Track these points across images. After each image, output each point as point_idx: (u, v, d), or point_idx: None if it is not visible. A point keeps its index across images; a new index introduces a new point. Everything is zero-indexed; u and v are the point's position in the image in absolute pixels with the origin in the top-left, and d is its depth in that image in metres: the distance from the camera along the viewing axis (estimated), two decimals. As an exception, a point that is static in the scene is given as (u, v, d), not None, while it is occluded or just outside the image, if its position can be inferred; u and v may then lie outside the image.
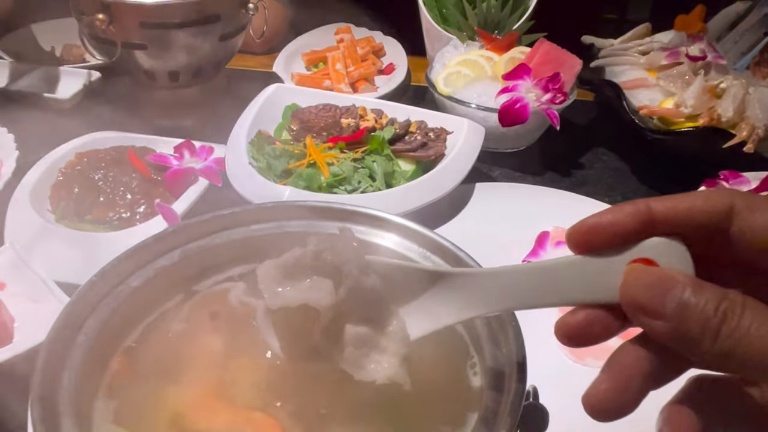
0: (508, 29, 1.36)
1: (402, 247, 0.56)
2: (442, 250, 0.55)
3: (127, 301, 0.50)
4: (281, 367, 0.49)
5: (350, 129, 1.11)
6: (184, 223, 0.55)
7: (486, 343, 0.48)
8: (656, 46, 1.30)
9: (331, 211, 0.58)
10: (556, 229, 1.02)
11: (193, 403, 0.46)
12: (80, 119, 1.29)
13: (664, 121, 1.16)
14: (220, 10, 1.14)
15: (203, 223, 0.56)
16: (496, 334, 0.48)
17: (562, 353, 0.81)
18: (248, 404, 0.46)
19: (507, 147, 1.27)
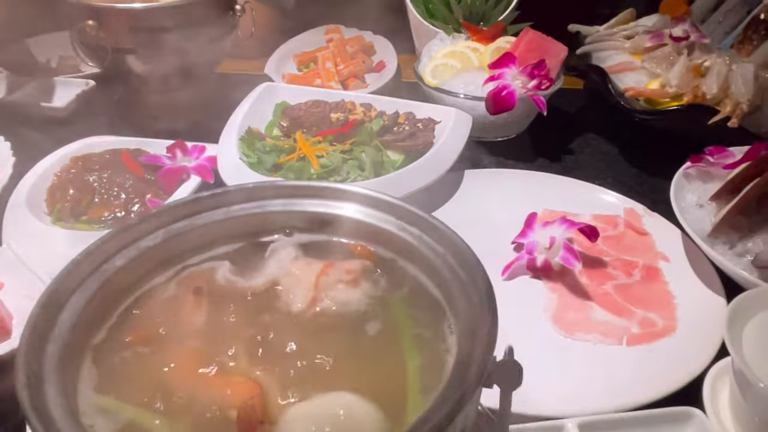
0: (493, 20, 1.37)
1: (378, 219, 0.57)
2: (417, 220, 0.56)
3: (111, 279, 0.51)
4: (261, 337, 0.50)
5: (339, 123, 1.12)
6: (167, 205, 0.56)
7: (461, 304, 0.49)
8: (641, 30, 1.31)
9: (308, 189, 0.59)
10: (545, 211, 1.03)
11: (176, 371, 0.47)
12: (76, 126, 1.32)
13: (650, 102, 1.17)
14: (208, 13, 1.17)
15: (185, 205, 0.57)
16: (470, 295, 0.48)
17: (552, 329, 0.82)
18: (229, 371, 0.47)
19: (497, 136, 1.28)
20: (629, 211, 1.02)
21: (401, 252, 0.57)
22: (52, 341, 0.45)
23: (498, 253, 0.94)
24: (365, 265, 0.58)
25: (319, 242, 0.60)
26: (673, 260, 0.93)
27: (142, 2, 1.13)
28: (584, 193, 1.07)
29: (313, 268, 0.58)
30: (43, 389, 0.41)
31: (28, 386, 0.40)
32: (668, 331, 0.81)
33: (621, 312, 0.84)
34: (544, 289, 0.89)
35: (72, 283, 0.49)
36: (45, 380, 0.42)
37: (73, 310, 0.48)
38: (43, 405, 0.40)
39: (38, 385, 0.41)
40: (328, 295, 0.55)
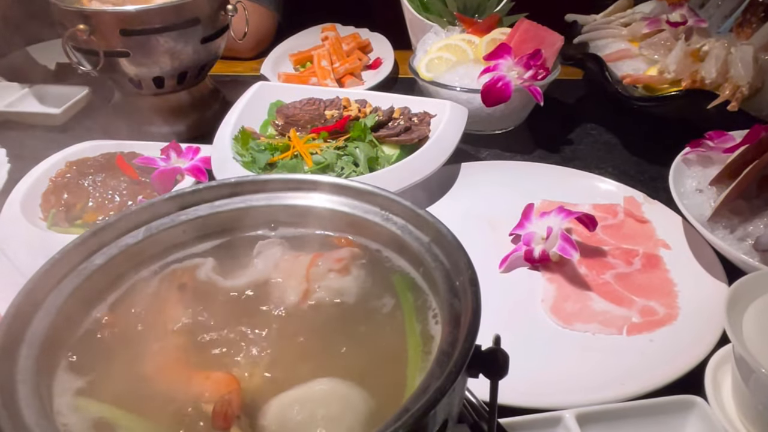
0: (488, 12, 1.36)
1: (362, 210, 0.56)
2: (402, 210, 0.55)
3: (90, 278, 0.51)
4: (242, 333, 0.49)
5: (334, 120, 1.11)
6: (147, 202, 0.56)
7: (445, 293, 0.47)
8: (638, 17, 1.29)
9: (292, 182, 0.58)
10: (543, 201, 1.01)
11: (156, 368, 0.46)
12: (72, 132, 1.32)
13: (648, 88, 1.15)
14: (200, 13, 1.16)
15: (167, 201, 0.57)
16: (454, 282, 0.47)
17: (550, 320, 0.81)
18: (209, 366, 0.46)
19: (494, 128, 1.26)
20: (629, 199, 1.01)
21: (386, 242, 0.56)
22: (26, 342, 0.44)
23: (496, 246, 0.93)
24: (353, 252, 0.58)
25: (303, 236, 0.59)
26: (674, 247, 0.91)
27: (132, 5, 1.13)
28: (583, 182, 1.06)
29: (301, 260, 0.57)
30: (15, 390, 0.40)
31: (0, 386, 0.40)
32: (669, 319, 0.80)
33: (621, 301, 0.83)
34: (542, 280, 0.87)
35: (49, 282, 0.48)
36: (18, 381, 0.41)
37: (50, 309, 0.47)
38: (15, 406, 0.39)
39: (11, 385, 0.40)
40: (320, 285, 0.54)
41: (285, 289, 0.54)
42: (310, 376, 0.46)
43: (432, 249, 0.52)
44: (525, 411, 0.66)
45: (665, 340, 0.77)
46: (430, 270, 0.51)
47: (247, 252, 0.58)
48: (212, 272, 0.56)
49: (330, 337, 0.50)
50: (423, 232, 0.53)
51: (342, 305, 0.53)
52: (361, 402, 0.44)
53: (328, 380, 0.45)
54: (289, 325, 0.50)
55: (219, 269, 0.57)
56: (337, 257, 0.57)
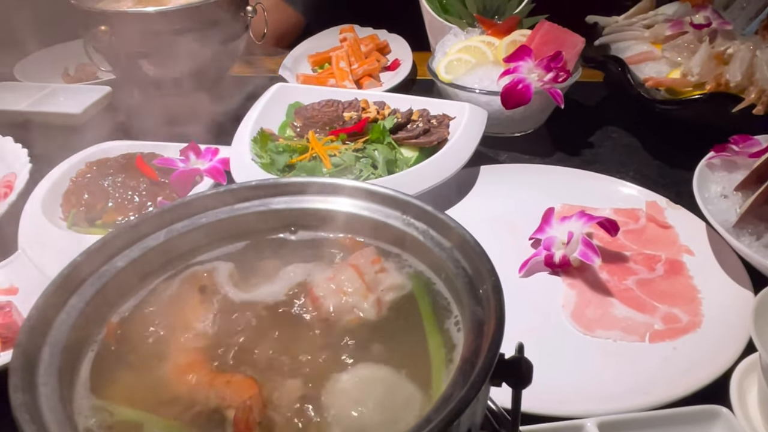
0: (508, 14, 1.35)
1: (383, 215, 0.56)
2: (423, 214, 0.54)
3: (112, 280, 0.51)
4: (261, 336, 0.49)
5: (352, 122, 1.11)
6: (169, 205, 0.56)
7: (467, 299, 0.47)
8: (660, 19, 1.27)
9: (313, 186, 0.58)
10: (563, 205, 1.00)
11: (177, 370, 0.46)
12: (92, 132, 1.32)
13: (671, 91, 1.14)
14: (219, 15, 1.17)
15: (187, 204, 0.56)
16: (477, 290, 0.47)
17: (571, 326, 0.80)
18: (229, 369, 0.46)
19: (514, 131, 1.25)
20: (651, 204, 0.99)
21: (406, 247, 0.56)
22: (49, 344, 0.44)
23: (515, 250, 0.92)
24: (375, 249, 0.57)
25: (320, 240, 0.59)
26: (698, 253, 0.90)
27: (153, 6, 1.14)
28: (604, 186, 1.04)
29: (348, 273, 0.55)
30: (36, 392, 0.40)
31: (21, 389, 0.39)
32: (693, 326, 0.78)
33: (643, 308, 0.81)
34: (562, 286, 0.86)
35: (71, 285, 0.48)
36: (40, 383, 0.41)
37: (72, 312, 0.47)
38: (37, 408, 0.39)
39: (32, 388, 0.40)
40: (382, 290, 0.54)
41: (354, 303, 0.52)
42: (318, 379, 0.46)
43: (454, 254, 0.51)
44: (545, 419, 0.65)
45: (689, 348, 0.75)
46: (451, 276, 0.50)
47: (268, 256, 0.57)
48: (233, 276, 0.56)
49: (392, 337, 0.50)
50: (445, 237, 0.53)
51: (407, 298, 0.53)
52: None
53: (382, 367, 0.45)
54: (363, 334, 0.50)
55: (240, 273, 0.56)
56: (370, 259, 0.56)
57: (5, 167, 1.10)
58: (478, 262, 0.48)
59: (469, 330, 0.45)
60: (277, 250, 0.58)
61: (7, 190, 1.03)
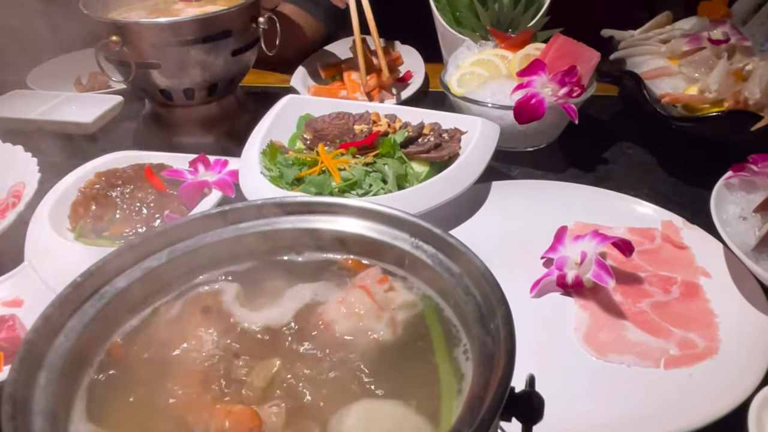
0: (522, 27, 1.33)
1: (391, 237, 0.54)
2: (432, 238, 0.52)
3: (113, 302, 0.50)
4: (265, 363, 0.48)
5: (363, 135, 1.10)
6: (172, 224, 0.55)
7: (476, 328, 0.45)
8: (677, 34, 1.25)
9: (320, 205, 0.57)
10: (576, 223, 0.98)
11: (176, 397, 0.45)
12: (103, 142, 1.33)
13: (688, 108, 1.11)
14: (231, 26, 1.16)
15: (191, 223, 0.55)
16: (487, 320, 0.45)
17: (583, 349, 0.78)
18: (230, 398, 0.44)
19: (526, 146, 1.24)
20: (667, 224, 0.97)
21: (414, 270, 0.54)
22: (45, 368, 0.43)
23: (527, 269, 0.90)
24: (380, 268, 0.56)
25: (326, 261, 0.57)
26: (715, 276, 0.87)
27: (165, 17, 1.13)
28: (618, 204, 1.02)
29: (357, 294, 0.53)
30: (29, 420, 0.39)
31: (13, 417, 0.38)
32: (710, 353, 0.76)
33: (658, 332, 0.79)
34: (575, 307, 0.84)
35: (70, 306, 0.47)
36: (34, 411, 0.40)
37: (71, 334, 0.46)
38: (30, 436, 0.38)
39: (25, 416, 0.39)
40: (394, 309, 0.52)
41: (367, 325, 0.51)
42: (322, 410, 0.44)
43: (463, 281, 0.49)
44: (556, 447, 0.63)
45: (705, 376, 0.73)
46: (460, 303, 0.49)
47: (273, 277, 0.56)
48: (239, 298, 0.54)
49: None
50: (454, 262, 0.51)
51: (419, 317, 0.51)
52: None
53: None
54: (373, 359, 0.48)
55: (245, 296, 0.55)
56: (377, 278, 0.55)
57: (15, 176, 1.09)
58: (488, 291, 0.46)
59: (478, 361, 0.43)
60: (283, 271, 0.57)
61: (16, 200, 1.02)
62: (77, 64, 1.58)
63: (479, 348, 0.44)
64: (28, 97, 1.43)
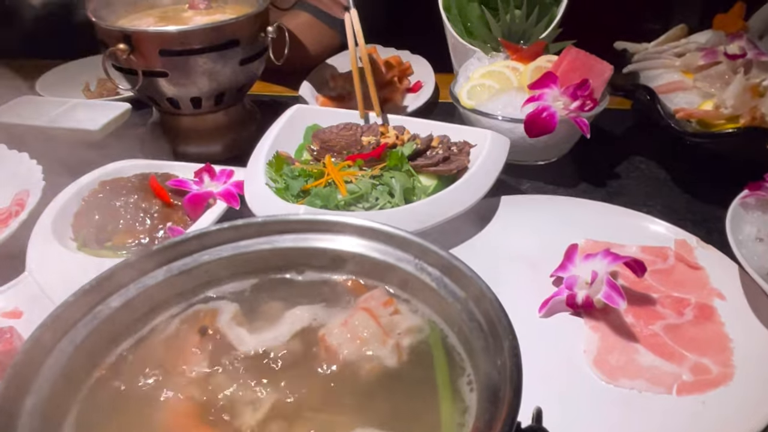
0: (534, 39, 1.32)
1: (395, 258, 0.52)
2: (437, 260, 0.50)
3: (106, 322, 0.48)
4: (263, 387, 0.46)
5: (371, 147, 1.08)
6: (169, 241, 0.53)
7: (482, 358, 0.43)
8: (692, 47, 1.23)
9: (322, 224, 0.55)
10: (587, 241, 0.96)
11: (167, 422, 0.43)
12: (109, 149, 1.31)
13: (703, 123, 1.09)
14: (239, 35, 1.15)
15: (189, 241, 0.54)
16: (492, 350, 0.43)
17: (593, 373, 0.75)
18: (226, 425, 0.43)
19: (536, 159, 1.21)
20: (681, 243, 0.94)
21: (418, 294, 0.52)
22: (33, 393, 0.42)
23: (535, 287, 0.88)
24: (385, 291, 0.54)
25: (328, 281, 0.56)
26: (730, 298, 0.85)
27: (173, 25, 1.12)
28: (631, 222, 1.00)
29: (361, 317, 0.52)
30: (13, 451, 0.37)
31: (-4, 447, 0.37)
32: (724, 379, 0.73)
33: (671, 356, 0.77)
34: (584, 328, 0.82)
35: (61, 327, 0.46)
36: (18, 439, 0.38)
37: (61, 357, 0.45)
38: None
39: (9, 444, 0.38)
40: (400, 333, 0.50)
41: (372, 351, 0.49)
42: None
43: (468, 306, 0.48)
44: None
45: (719, 403, 0.71)
46: (465, 330, 0.47)
47: (273, 297, 0.54)
48: (237, 318, 0.53)
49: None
50: (459, 286, 0.49)
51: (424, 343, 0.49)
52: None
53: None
54: (375, 387, 0.46)
55: (243, 317, 0.53)
56: (382, 301, 0.53)
57: (19, 184, 1.09)
58: (494, 319, 0.44)
59: (483, 393, 0.42)
60: (283, 291, 0.55)
61: (19, 208, 1.01)
62: (86, 71, 1.58)
63: (484, 380, 0.42)
64: (36, 103, 1.42)
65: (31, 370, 0.42)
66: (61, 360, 0.44)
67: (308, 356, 0.49)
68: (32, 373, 0.42)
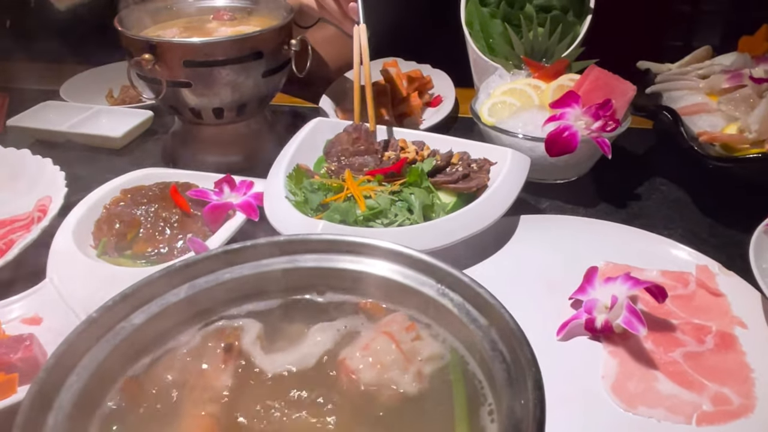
0: (556, 57, 1.31)
1: (417, 282, 0.52)
2: (460, 286, 0.50)
3: (128, 339, 0.48)
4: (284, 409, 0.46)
5: (390, 162, 1.08)
6: (192, 258, 0.53)
7: (504, 389, 0.43)
8: (717, 69, 1.22)
9: (342, 244, 0.55)
10: (607, 264, 0.95)
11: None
12: (130, 157, 1.33)
13: (726, 147, 1.08)
14: (263, 47, 1.16)
15: (212, 258, 0.54)
16: (515, 381, 0.43)
17: (611, 400, 0.74)
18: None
19: (556, 178, 1.21)
20: (702, 269, 0.93)
21: (439, 319, 0.52)
22: (55, 410, 0.42)
23: (553, 309, 0.87)
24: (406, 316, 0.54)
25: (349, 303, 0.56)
26: (752, 327, 0.84)
27: (197, 36, 1.13)
28: (652, 246, 0.99)
29: (382, 342, 0.51)
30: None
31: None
32: (745, 410, 0.72)
33: (691, 385, 0.76)
34: (603, 353, 0.81)
35: (84, 343, 0.46)
36: (40, 457, 0.38)
37: (83, 373, 0.45)
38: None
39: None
40: (421, 360, 0.50)
41: (392, 378, 0.49)
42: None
43: (491, 335, 0.47)
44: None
45: (740, 436, 0.69)
46: (487, 359, 0.46)
47: (293, 318, 0.54)
48: (261, 338, 0.53)
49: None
50: (482, 313, 0.49)
51: (444, 370, 0.49)
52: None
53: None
54: (394, 415, 0.46)
55: (266, 337, 0.53)
56: (404, 326, 0.53)
57: (42, 190, 1.10)
58: (517, 349, 0.44)
59: (505, 426, 0.41)
60: (305, 311, 0.55)
61: (41, 215, 1.02)
62: (110, 77, 1.60)
63: (506, 412, 0.41)
64: (60, 108, 1.44)
65: (54, 387, 0.43)
66: (83, 377, 0.44)
67: (328, 380, 0.49)
68: (54, 390, 0.43)
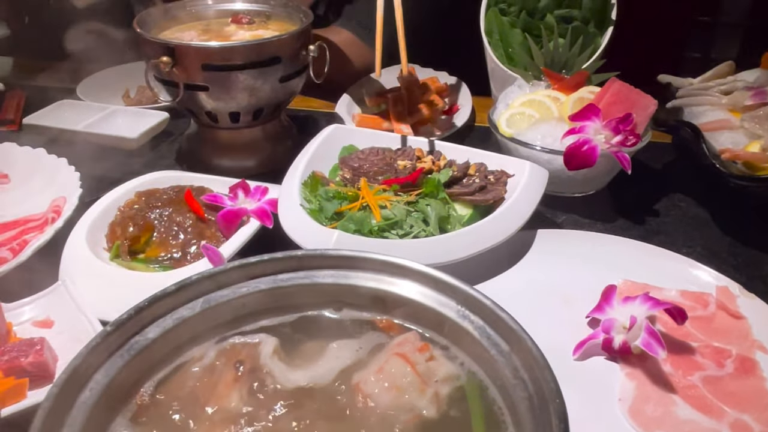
0: (576, 68, 1.30)
1: (437, 302, 0.51)
2: (482, 309, 0.49)
3: (142, 353, 0.48)
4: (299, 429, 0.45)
5: (406, 171, 1.07)
6: (208, 272, 0.52)
7: (526, 419, 0.42)
8: (740, 86, 1.20)
9: (361, 261, 0.54)
10: (625, 282, 0.94)
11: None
12: (146, 158, 1.33)
13: (749, 166, 1.06)
14: (281, 53, 1.15)
15: (228, 272, 0.53)
16: (538, 411, 0.41)
17: (627, 423, 0.73)
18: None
19: (574, 191, 1.19)
20: (722, 290, 0.91)
21: (458, 341, 0.51)
22: (67, 426, 0.41)
23: (570, 328, 0.86)
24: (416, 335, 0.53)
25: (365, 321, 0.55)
26: (773, 352, 0.82)
27: (216, 40, 1.13)
28: (671, 265, 0.97)
29: (397, 364, 0.50)
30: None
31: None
32: (766, 439, 0.71)
33: (709, 410, 0.74)
34: (620, 374, 0.79)
35: (97, 358, 0.45)
36: (51, 478, 0.38)
37: (96, 388, 0.44)
38: None
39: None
40: (437, 381, 0.49)
41: (411, 401, 0.48)
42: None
43: (512, 361, 0.46)
44: None
45: (760, 466, 0.68)
46: (508, 386, 0.45)
47: (309, 335, 0.53)
48: (276, 354, 0.52)
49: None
50: (504, 338, 0.48)
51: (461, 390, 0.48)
52: None
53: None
54: None
55: (282, 353, 0.52)
56: (417, 346, 0.52)
57: (56, 190, 1.09)
58: (540, 378, 0.43)
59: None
60: (320, 328, 0.54)
61: (55, 215, 1.02)
62: (126, 77, 1.60)
63: (529, 444, 0.40)
64: (76, 107, 1.44)
65: (67, 403, 0.42)
66: (96, 391, 0.44)
67: (343, 403, 0.48)
68: (67, 406, 0.42)
